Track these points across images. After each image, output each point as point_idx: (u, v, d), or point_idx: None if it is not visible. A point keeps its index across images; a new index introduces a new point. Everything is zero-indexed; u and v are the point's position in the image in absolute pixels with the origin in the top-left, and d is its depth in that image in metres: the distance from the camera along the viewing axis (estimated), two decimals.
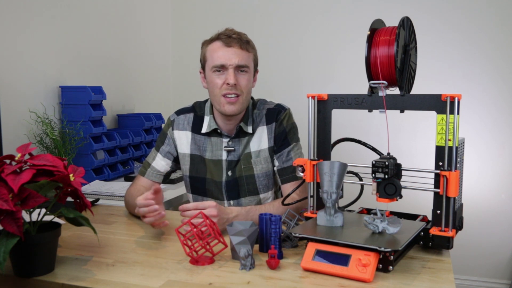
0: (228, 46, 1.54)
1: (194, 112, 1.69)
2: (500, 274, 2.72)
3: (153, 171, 1.68)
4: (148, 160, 1.71)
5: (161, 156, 1.69)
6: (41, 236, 1.07)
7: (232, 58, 1.53)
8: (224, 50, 1.54)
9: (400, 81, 1.18)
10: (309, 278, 1.06)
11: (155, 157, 1.70)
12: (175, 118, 1.70)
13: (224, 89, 1.54)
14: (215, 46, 1.56)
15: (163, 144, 1.70)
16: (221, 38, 1.55)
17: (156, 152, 1.70)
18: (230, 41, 1.54)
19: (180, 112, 1.71)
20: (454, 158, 1.12)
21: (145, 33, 2.95)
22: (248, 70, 1.57)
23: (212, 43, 1.57)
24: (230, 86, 1.53)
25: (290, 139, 1.64)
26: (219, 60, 1.53)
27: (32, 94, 2.04)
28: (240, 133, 1.64)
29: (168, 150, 1.69)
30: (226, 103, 1.55)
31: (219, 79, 1.55)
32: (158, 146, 1.71)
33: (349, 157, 1.33)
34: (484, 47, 2.63)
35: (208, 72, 1.58)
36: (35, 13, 2.05)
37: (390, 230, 1.11)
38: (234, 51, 1.53)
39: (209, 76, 1.57)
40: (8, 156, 1.05)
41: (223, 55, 1.53)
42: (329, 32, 2.89)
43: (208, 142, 1.66)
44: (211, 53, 1.56)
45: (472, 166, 2.62)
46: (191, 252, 1.16)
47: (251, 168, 1.63)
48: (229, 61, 1.53)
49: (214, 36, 1.58)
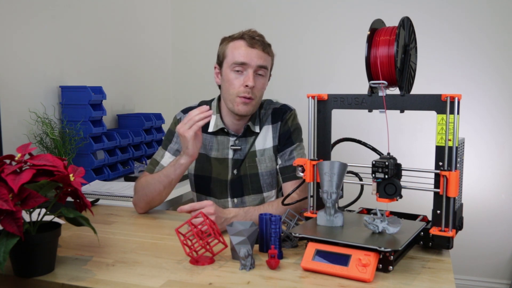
0: (252, 46, 1.54)
1: None
2: (500, 274, 2.72)
3: (161, 169, 1.64)
4: (156, 158, 1.68)
5: (170, 154, 1.66)
6: (41, 236, 1.07)
7: (254, 59, 1.53)
8: (247, 50, 1.54)
9: (400, 81, 1.18)
10: (309, 278, 1.06)
11: (163, 155, 1.67)
12: (182, 117, 1.68)
13: (241, 91, 1.54)
14: (237, 44, 1.55)
15: (170, 142, 1.67)
16: (245, 38, 1.55)
17: (164, 151, 1.67)
18: (254, 42, 1.54)
19: (187, 110, 1.69)
20: (454, 158, 1.12)
21: (145, 33, 2.95)
22: (265, 73, 1.58)
23: (235, 41, 1.57)
24: (248, 89, 1.53)
25: (294, 139, 1.65)
26: (241, 58, 1.53)
27: (32, 94, 2.04)
28: (247, 132, 1.65)
29: (176, 148, 1.66)
30: (240, 103, 1.55)
31: (237, 79, 1.54)
32: (165, 144, 1.68)
33: (349, 157, 1.33)
34: (484, 47, 2.63)
35: (226, 69, 1.57)
36: (35, 13, 2.05)
37: (390, 230, 1.11)
38: (257, 52, 1.54)
39: (227, 74, 1.56)
40: (8, 156, 1.05)
41: (246, 54, 1.53)
42: (329, 32, 2.89)
43: (214, 141, 1.65)
44: (232, 50, 1.56)
45: (472, 166, 2.62)
46: (191, 252, 1.16)
47: (256, 167, 1.63)
48: (251, 61, 1.53)
49: (236, 35, 1.58)
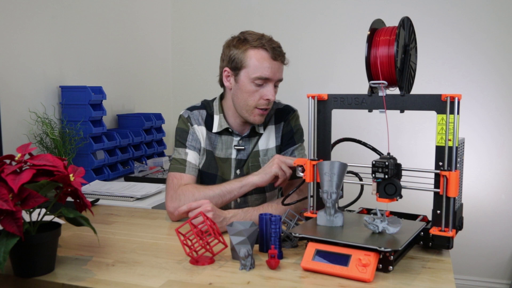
0: (275, 59, 1.51)
1: (205, 109, 1.67)
2: (500, 274, 2.72)
3: (191, 166, 1.58)
4: (182, 157, 1.59)
5: (191, 151, 1.60)
6: (41, 236, 1.07)
7: (277, 73, 1.52)
8: (271, 63, 1.50)
9: (400, 81, 1.18)
10: (309, 278, 1.06)
11: (187, 153, 1.59)
12: (190, 114, 1.65)
13: (261, 104, 1.53)
14: (261, 56, 1.50)
15: (186, 140, 1.61)
16: (267, 49, 1.50)
17: (184, 149, 1.60)
18: (276, 54, 1.51)
19: (193, 108, 1.67)
20: (454, 158, 1.12)
21: (145, 33, 2.95)
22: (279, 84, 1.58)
23: (256, 50, 1.51)
24: (267, 101, 1.53)
25: (296, 139, 1.66)
26: (266, 73, 1.50)
27: (32, 94, 2.04)
28: (251, 133, 1.65)
29: (195, 145, 1.61)
30: (258, 114, 1.55)
31: (257, 92, 1.52)
32: (182, 143, 1.61)
33: (349, 157, 1.33)
34: (484, 47, 2.63)
35: (244, 78, 1.52)
36: (35, 13, 2.05)
37: (390, 230, 1.11)
38: (279, 66, 1.53)
39: (245, 85, 1.53)
40: (8, 156, 1.05)
41: (270, 68, 1.50)
42: (329, 32, 2.89)
43: (218, 140, 1.65)
44: (255, 61, 1.50)
45: (472, 166, 2.62)
46: (191, 252, 1.16)
47: (259, 166, 1.63)
48: (274, 75, 1.52)
49: (256, 42, 1.51)
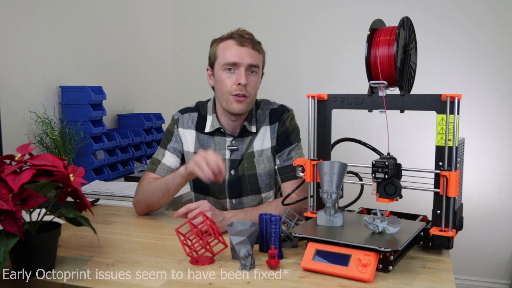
0: (241, 45, 1.54)
1: (197, 111, 1.69)
2: (500, 274, 2.71)
3: (163, 167, 1.64)
4: (157, 158, 1.67)
5: (170, 153, 1.66)
6: (41, 236, 1.07)
7: (245, 57, 1.53)
8: (238, 49, 1.54)
9: (400, 81, 1.18)
10: (309, 278, 1.06)
11: (164, 154, 1.66)
12: (180, 117, 1.69)
13: (234, 89, 1.54)
14: (227, 44, 1.56)
15: (169, 141, 1.68)
16: (234, 37, 1.55)
17: (164, 150, 1.67)
18: (243, 40, 1.55)
19: (184, 111, 1.71)
20: (454, 158, 1.12)
21: (145, 33, 2.95)
22: (258, 71, 1.58)
23: (225, 41, 1.57)
24: (241, 86, 1.53)
25: (292, 139, 1.65)
26: (232, 58, 1.53)
27: (32, 94, 2.04)
28: (243, 133, 1.65)
29: (176, 147, 1.67)
30: (234, 101, 1.55)
31: (229, 78, 1.55)
32: (164, 144, 1.69)
33: (349, 157, 1.33)
34: (484, 47, 2.62)
35: (217, 70, 1.58)
36: (35, 13, 2.05)
37: (390, 230, 1.11)
38: (247, 51, 1.54)
39: (219, 75, 1.57)
40: (8, 156, 1.05)
41: (236, 53, 1.53)
42: (329, 32, 2.88)
43: (211, 141, 1.66)
44: (223, 50, 1.56)
45: (472, 166, 2.62)
46: (191, 252, 1.16)
47: (254, 167, 1.63)
48: (242, 59, 1.53)
49: (226, 35, 1.58)
